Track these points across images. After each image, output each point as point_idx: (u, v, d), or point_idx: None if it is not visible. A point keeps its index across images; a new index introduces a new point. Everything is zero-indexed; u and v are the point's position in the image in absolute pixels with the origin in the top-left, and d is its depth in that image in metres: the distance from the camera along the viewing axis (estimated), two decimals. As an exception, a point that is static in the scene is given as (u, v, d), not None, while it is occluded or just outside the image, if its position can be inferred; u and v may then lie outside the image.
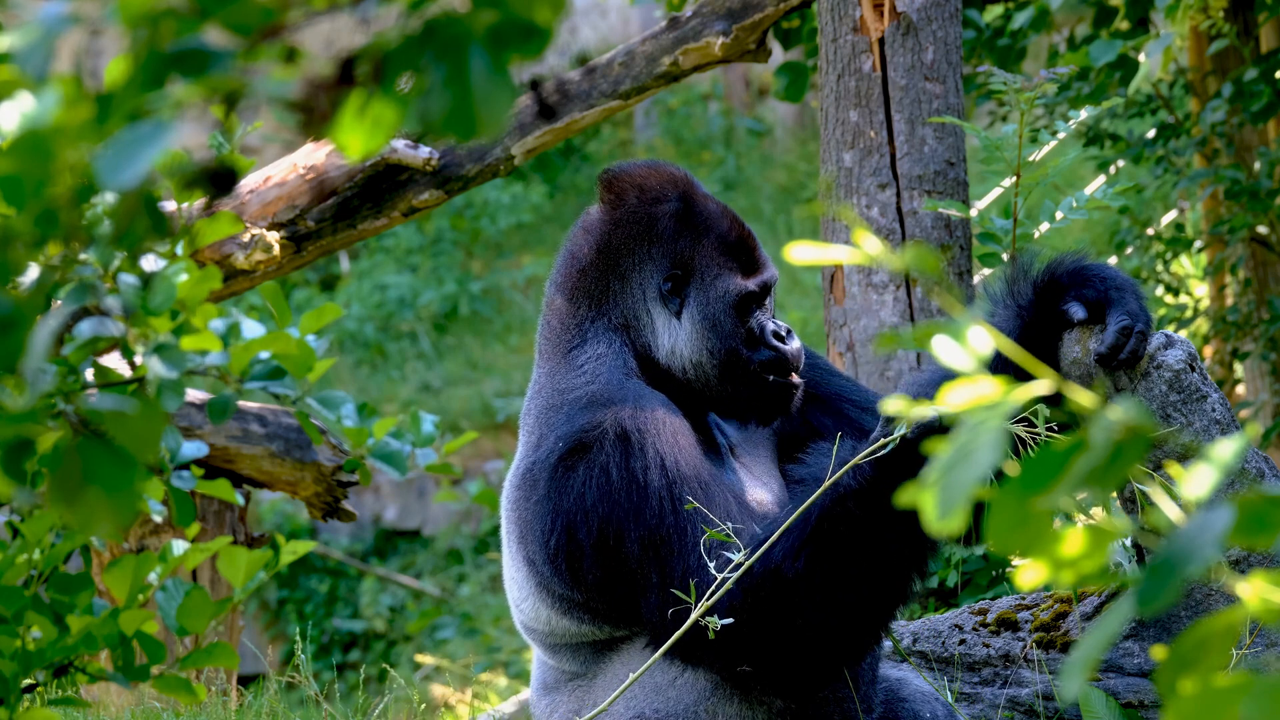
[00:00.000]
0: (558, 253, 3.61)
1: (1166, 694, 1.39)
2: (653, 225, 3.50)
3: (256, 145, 14.41)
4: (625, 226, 3.51)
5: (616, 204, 3.53)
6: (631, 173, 3.55)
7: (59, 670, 2.30)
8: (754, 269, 3.51)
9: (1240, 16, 7.36)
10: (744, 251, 3.51)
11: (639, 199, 3.52)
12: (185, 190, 1.56)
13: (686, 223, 3.50)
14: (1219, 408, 3.57)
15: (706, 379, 3.49)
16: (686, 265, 3.49)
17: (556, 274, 3.57)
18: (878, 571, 3.19)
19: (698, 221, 3.50)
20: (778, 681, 3.30)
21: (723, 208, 3.54)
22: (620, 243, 3.51)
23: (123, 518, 1.62)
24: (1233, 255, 7.77)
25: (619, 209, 3.52)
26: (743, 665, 3.26)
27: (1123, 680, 3.76)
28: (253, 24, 1.43)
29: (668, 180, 3.54)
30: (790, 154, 15.71)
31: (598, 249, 3.52)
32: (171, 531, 5.68)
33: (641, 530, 3.26)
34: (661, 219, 3.50)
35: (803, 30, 7.27)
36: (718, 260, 3.49)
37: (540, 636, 3.54)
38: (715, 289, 3.48)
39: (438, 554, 12.79)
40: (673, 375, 3.49)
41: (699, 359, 3.48)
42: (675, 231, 3.50)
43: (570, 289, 3.54)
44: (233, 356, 2.01)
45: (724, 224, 3.51)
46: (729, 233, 3.51)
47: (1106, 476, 1.42)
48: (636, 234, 3.50)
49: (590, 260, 3.52)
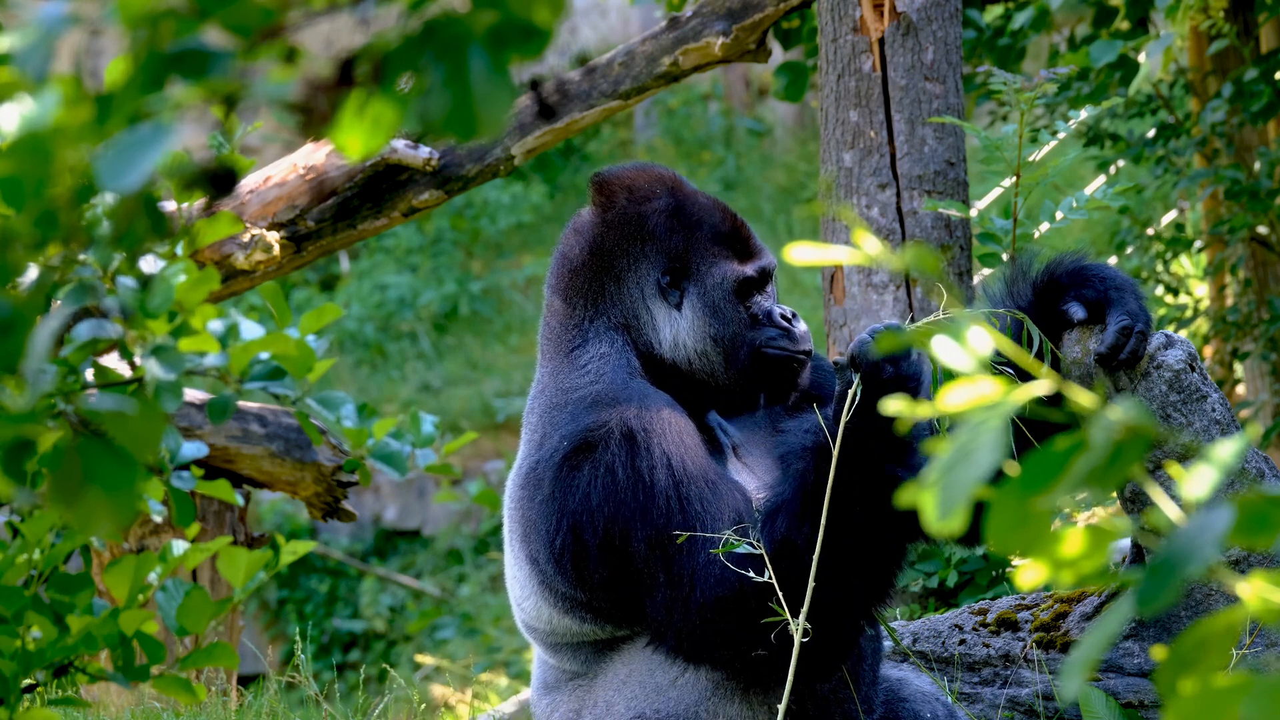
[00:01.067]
0: (552, 255, 3.63)
1: (1166, 694, 1.39)
2: (644, 224, 3.52)
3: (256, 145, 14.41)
4: (617, 227, 3.53)
5: (607, 206, 3.55)
6: (621, 175, 3.58)
7: (59, 670, 2.30)
8: (750, 255, 3.53)
9: (1240, 16, 7.36)
10: (738, 240, 3.53)
11: (629, 199, 3.54)
12: (185, 191, 1.56)
13: (678, 218, 3.52)
14: (1219, 408, 3.57)
15: (712, 367, 3.50)
16: (682, 258, 3.51)
17: (551, 276, 3.59)
18: (873, 518, 3.20)
19: (689, 215, 3.52)
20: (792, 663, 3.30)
21: (713, 201, 3.57)
22: (613, 244, 3.53)
23: (123, 518, 1.62)
24: (1233, 255, 7.77)
25: (610, 210, 3.54)
26: (759, 650, 3.26)
27: (1123, 680, 3.76)
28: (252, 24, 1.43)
29: (656, 179, 3.56)
30: (790, 154, 15.70)
31: (590, 250, 3.54)
32: (171, 531, 5.68)
33: (649, 530, 3.26)
34: (652, 216, 3.52)
35: (803, 30, 7.27)
36: (712, 250, 3.51)
37: (542, 635, 3.54)
38: (713, 276, 3.50)
39: (438, 554, 12.79)
40: (678, 370, 3.50)
41: (704, 347, 3.49)
42: (667, 227, 3.52)
43: (565, 291, 3.55)
44: (232, 357, 2.01)
45: (716, 215, 3.53)
46: (721, 223, 3.53)
47: (1106, 476, 1.42)
48: (629, 234, 3.52)
49: (583, 261, 3.54)
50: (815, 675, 3.35)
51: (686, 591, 3.26)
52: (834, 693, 3.42)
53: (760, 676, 3.34)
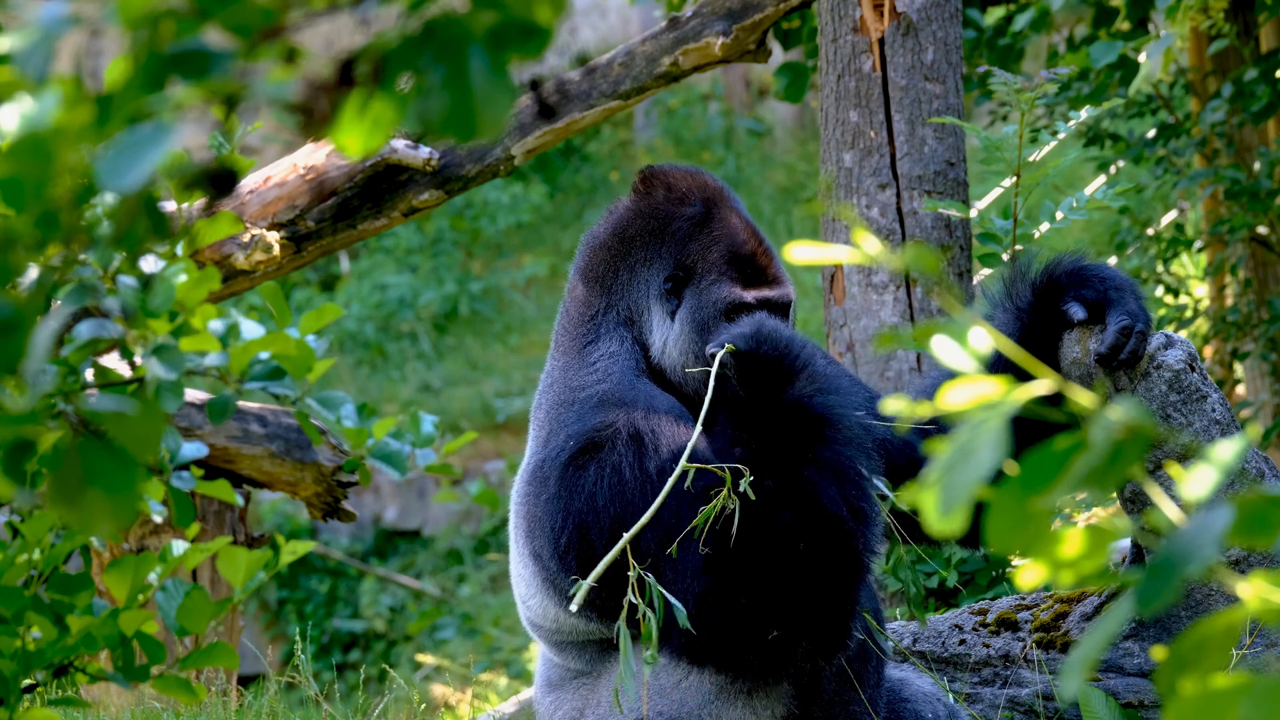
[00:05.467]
0: (581, 236, 3.66)
1: (1166, 694, 1.39)
2: (669, 223, 3.52)
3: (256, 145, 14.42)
4: (644, 219, 3.54)
5: (644, 197, 3.57)
6: (668, 173, 3.59)
7: (59, 670, 2.30)
8: (757, 284, 3.49)
9: (1240, 16, 7.36)
10: (752, 266, 3.50)
11: (665, 196, 3.55)
12: (185, 191, 1.56)
13: (702, 228, 3.51)
14: (1219, 408, 3.57)
15: (683, 382, 3.48)
16: (689, 268, 3.50)
17: (578, 257, 3.62)
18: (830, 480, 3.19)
19: (714, 229, 3.51)
20: (803, 621, 3.29)
21: (746, 224, 3.54)
22: (636, 233, 3.54)
23: (123, 518, 1.62)
24: (1233, 255, 7.77)
25: (644, 201, 3.57)
26: (771, 628, 3.25)
27: (1123, 680, 3.76)
28: (252, 25, 1.43)
29: (698, 187, 3.56)
30: (790, 154, 15.71)
31: (615, 234, 3.56)
32: (171, 532, 5.68)
33: (657, 530, 3.27)
34: (678, 219, 3.52)
35: (803, 30, 7.28)
36: (720, 268, 3.49)
37: (546, 634, 3.54)
38: (710, 294, 3.48)
39: (438, 554, 12.79)
40: (664, 376, 3.50)
41: (686, 361, 3.48)
42: (687, 234, 3.51)
43: (585, 272, 3.58)
44: (232, 357, 2.01)
45: (740, 236, 3.51)
46: (742, 245, 3.50)
47: (1106, 476, 1.42)
48: (653, 228, 3.53)
49: (606, 242, 3.57)
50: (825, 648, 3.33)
51: (688, 586, 3.25)
52: (838, 694, 3.42)
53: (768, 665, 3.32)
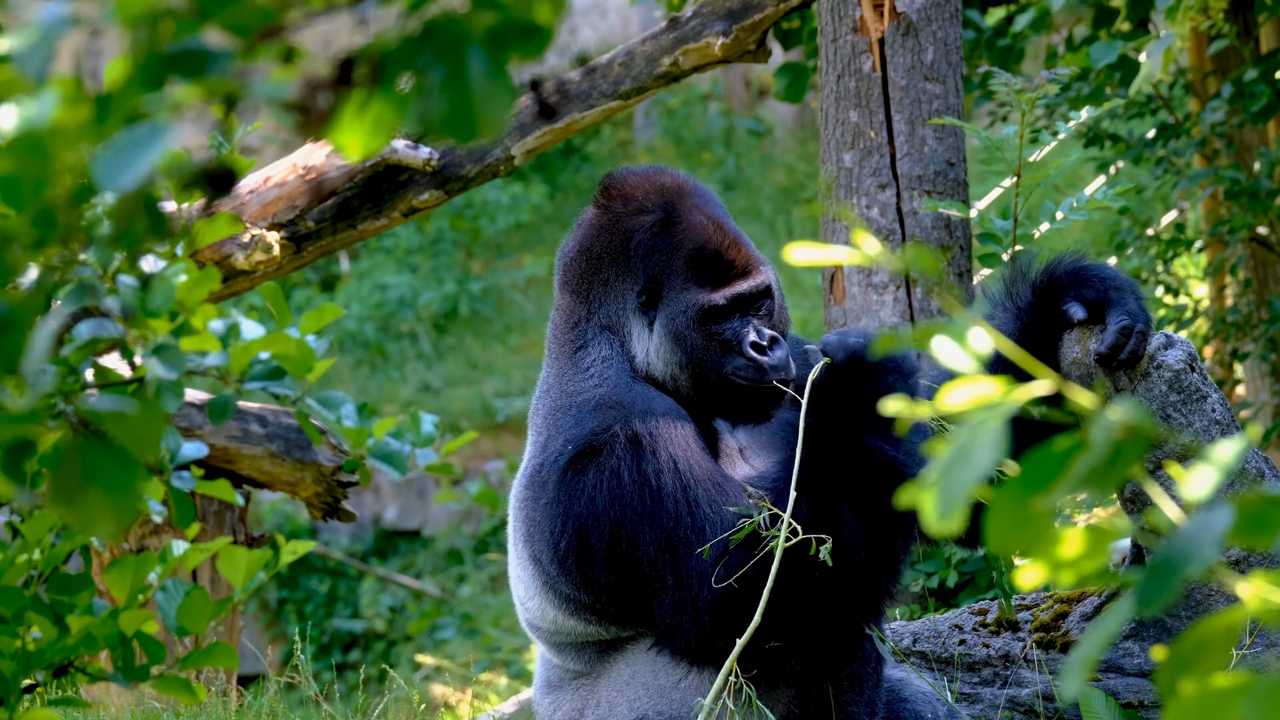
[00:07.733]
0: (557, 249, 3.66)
1: (1166, 694, 1.39)
2: (630, 237, 3.51)
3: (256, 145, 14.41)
4: (606, 235, 3.54)
5: (604, 211, 3.56)
6: (625, 181, 3.57)
7: (59, 670, 2.30)
8: (727, 281, 3.48)
9: (1240, 17, 7.36)
10: (718, 265, 3.49)
11: (623, 208, 3.54)
12: (185, 191, 1.56)
13: (663, 234, 3.50)
14: (1219, 408, 3.57)
15: (683, 388, 3.49)
16: (656, 281, 3.50)
17: (556, 269, 3.63)
18: (870, 493, 3.20)
19: (675, 234, 3.50)
20: (806, 647, 3.30)
21: (709, 219, 3.52)
22: (602, 250, 3.54)
23: (123, 518, 1.62)
24: (1233, 255, 7.77)
25: (605, 216, 3.55)
26: (771, 641, 3.26)
27: (1123, 680, 3.76)
28: (251, 24, 1.43)
29: (656, 190, 3.54)
30: (790, 154, 15.70)
31: (582, 251, 3.56)
32: (171, 531, 5.68)
33: (658, 533, 3.27)
34: (638, 233, 3.51)
35: (803, 30, 7.27)
36: (686, 274, 3.48)
37: (545, 635, 3.54)
38: (679, 304, 3.47)
39: (438, 554, 12.79)
40: (656, 382, 3.50)
41: (672, 370, 3.49)
42: (649, 247, 3.50)
43: (563, 285, 3.60)
44: (232, 357, 2.01)
45: (702, 236, 3.49)
46: (705, 245, 3.49)
47: (1106, 476, 1.42)
48: (616, 244, 3.52)
49: (575, 259, 3.58)
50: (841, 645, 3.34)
51: (695, 592, 3.26)
52: (838, 695, 3.43)
53: (767, 671, 3.34)
